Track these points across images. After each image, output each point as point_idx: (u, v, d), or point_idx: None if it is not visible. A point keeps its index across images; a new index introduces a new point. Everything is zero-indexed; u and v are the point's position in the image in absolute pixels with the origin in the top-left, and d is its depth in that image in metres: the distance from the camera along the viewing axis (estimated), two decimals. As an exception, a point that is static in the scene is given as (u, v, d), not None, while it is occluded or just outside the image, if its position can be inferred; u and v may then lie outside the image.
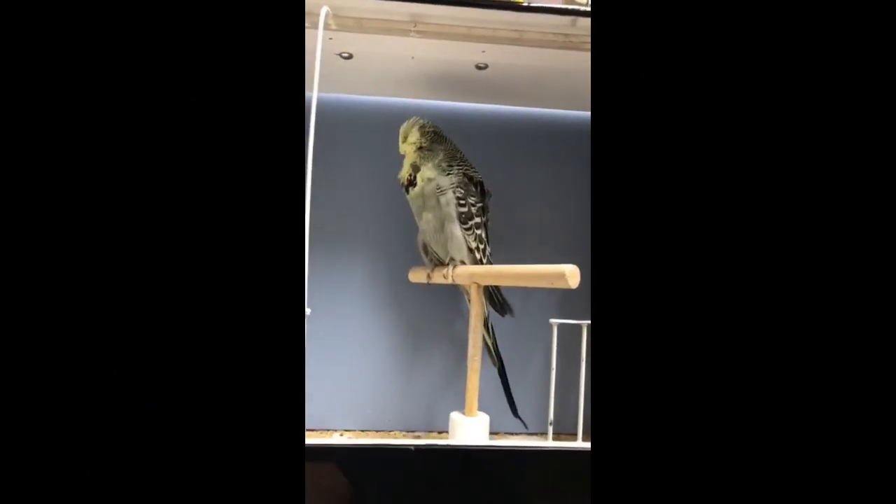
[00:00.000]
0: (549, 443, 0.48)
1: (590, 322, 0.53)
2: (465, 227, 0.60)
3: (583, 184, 0.74)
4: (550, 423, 0.51)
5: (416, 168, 0.60)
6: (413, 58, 0.58)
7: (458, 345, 0.72)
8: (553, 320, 0.50)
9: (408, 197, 0.62)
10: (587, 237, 0.81)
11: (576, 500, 0.43)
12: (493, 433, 0.58)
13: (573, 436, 0.67)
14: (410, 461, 0.44)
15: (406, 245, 0.70)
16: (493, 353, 0.66)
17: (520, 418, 0.67)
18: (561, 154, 0.74)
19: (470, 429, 0.56)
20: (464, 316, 0.72)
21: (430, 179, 0.59)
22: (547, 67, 0.58)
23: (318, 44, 0.44)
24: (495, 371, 0.66)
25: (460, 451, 0.45)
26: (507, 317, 0.66)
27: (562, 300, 0.73)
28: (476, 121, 0.73)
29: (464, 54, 0.56)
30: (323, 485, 0.39)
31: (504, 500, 0.43)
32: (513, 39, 0.54)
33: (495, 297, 0.65)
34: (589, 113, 0.73)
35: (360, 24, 0.52)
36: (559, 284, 0.48)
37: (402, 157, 0.62)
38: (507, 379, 0.66)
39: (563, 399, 0.68)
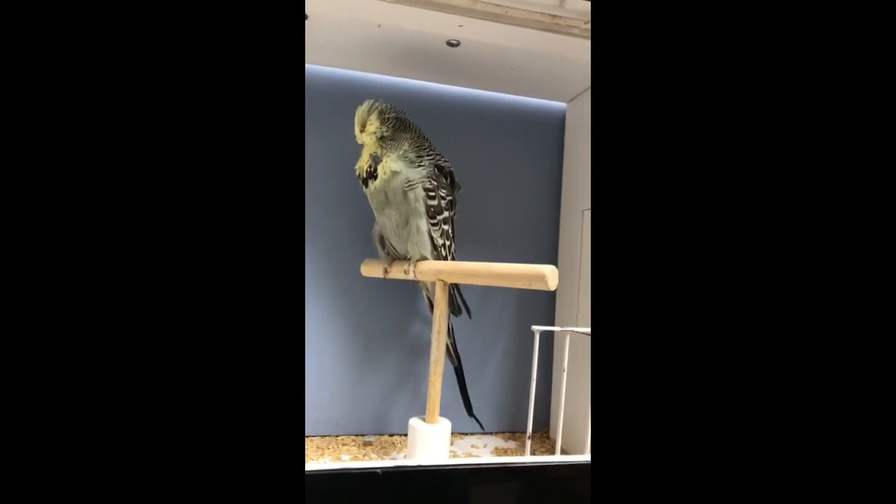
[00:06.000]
0: (526, 458, 0.46)
1: (571, 329, 0.51)
2: (432, 221, 0.55)
3: (555, 180, 0.72)
4: (529, 437, 0.49)
5: (376, 159, 0.53)
6: (380, 26, 0.51)
7: (411, 344, 0.68)
8: (535, 327, 0.47)
9: (365, 191, 0.55)
10: (557, 236, 0.79)
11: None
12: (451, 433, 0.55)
13: (534, 435, 0.66)
14: (377, 485, 0.40)
15: (358, 234, 0.64)
16: (453, 352, 0.62)
17: (475, 418, 0.64)
18: (532, 147, 0.70)
19: (432, 437, 0.52)
20: (420, 314, 0.68)
21: (395, 173, 0.53)
22: (526, 50, 0.54)
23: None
24: (448, 370, 0.63)
25: (430, 472, 0.41)
26: (461, 317, 0.63)
27: (521, 301, 0.70)
28: (441, 104, 0.68)
29: (438, 27, 0.50)
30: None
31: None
32: (494, 15, 0.49)
33: (454, 297, 0.61)
34: (566, 104, 0.71)
35: (321, -20, 0.44)
36: (537, 286, 0.46)
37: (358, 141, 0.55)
38: (464, 378, 0.63)
39: (522, 401, 0.66)
